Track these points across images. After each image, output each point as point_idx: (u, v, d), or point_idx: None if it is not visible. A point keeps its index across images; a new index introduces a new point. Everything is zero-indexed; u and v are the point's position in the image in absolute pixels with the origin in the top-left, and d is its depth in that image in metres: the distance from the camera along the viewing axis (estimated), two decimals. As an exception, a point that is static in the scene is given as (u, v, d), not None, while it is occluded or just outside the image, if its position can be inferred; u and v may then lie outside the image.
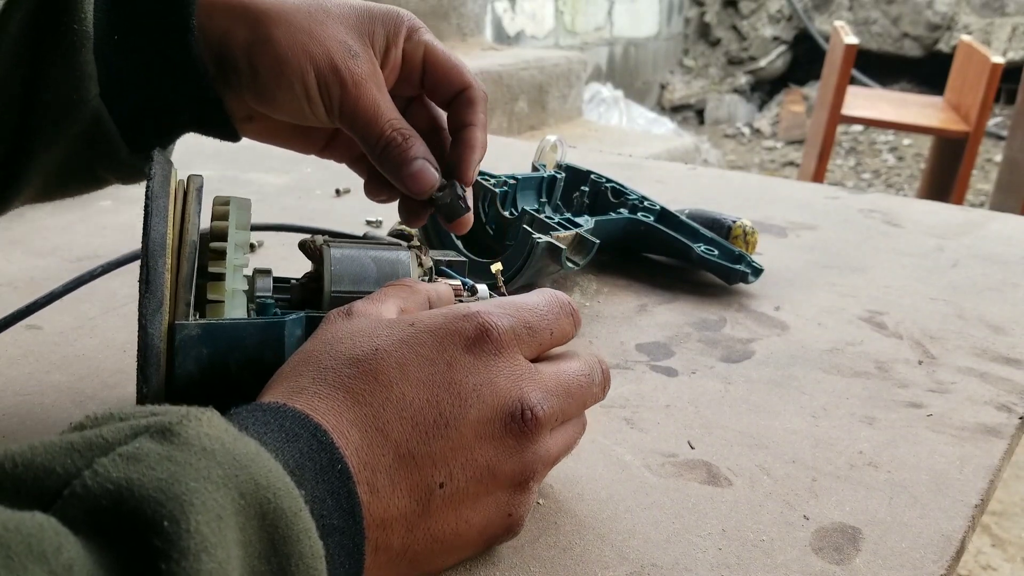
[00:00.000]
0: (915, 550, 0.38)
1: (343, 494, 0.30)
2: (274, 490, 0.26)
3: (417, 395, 0.33)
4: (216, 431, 0.26)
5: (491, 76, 2.37)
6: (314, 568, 0.26)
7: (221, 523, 0.24)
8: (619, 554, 0.37)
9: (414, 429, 0.32)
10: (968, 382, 0.53)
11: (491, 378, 0.34)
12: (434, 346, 0.34)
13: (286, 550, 0.25)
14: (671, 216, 0.68)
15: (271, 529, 0.25)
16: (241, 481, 0.25)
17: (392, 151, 0.45)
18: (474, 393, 0.33)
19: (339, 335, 0.35)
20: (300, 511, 0.26)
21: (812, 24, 4.82)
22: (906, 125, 2.66)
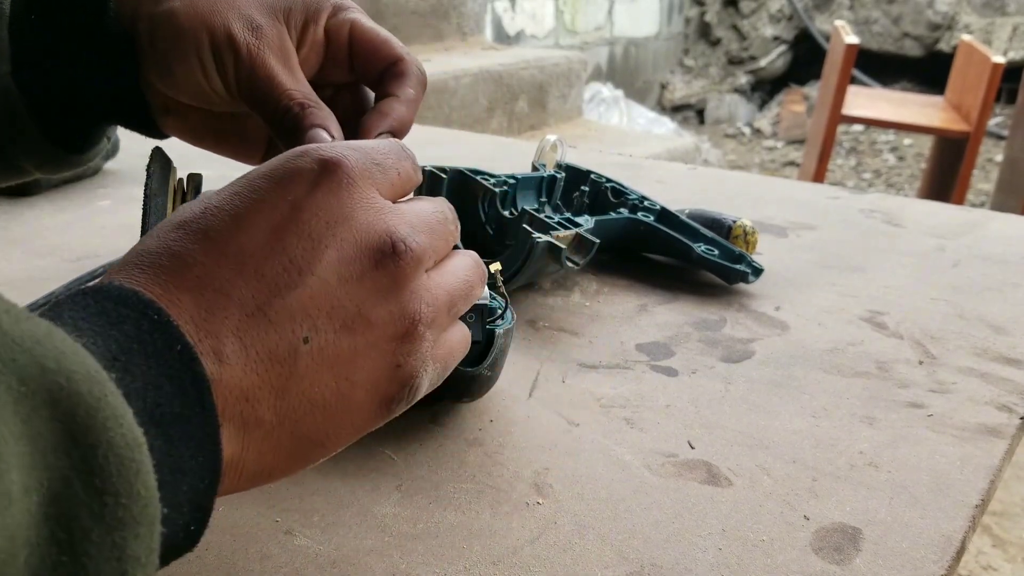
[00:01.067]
0: (915, 550, 0.38)
1: (185, 376, 0.25)
2: (67, 374, 0.22)
3: (258, 244, 0.28)
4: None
5: (491, 76, 2.37)
6: (130, 459, 0.22)
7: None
8: (619, 554, 0.37)
9: (260, 282, 0.28)
10: (969, 382, 0.53)
11: (347, 214, 0.30)
12: (272, 190, 0.29)
13: (89, 440, 0.22)
14: (671, 216, 0.68)
15: (67, 419, 0.21)
16: (21, 366, 0.21)
17: (288, 121, 0.41)
18: (328, 232, 0.29)
19: (178, 210, 0.31)
20: (105, 395, 0.22)
21: (813, 24, 4.82)
22: (907, 125, 2.66)
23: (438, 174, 0.62)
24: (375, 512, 0.40)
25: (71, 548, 0.21)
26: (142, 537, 0.22)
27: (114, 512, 0.22)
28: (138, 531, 0.22)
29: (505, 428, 0.47)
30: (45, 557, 0.21)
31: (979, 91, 2.34)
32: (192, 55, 0.41)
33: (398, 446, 0.45)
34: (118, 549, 0.22)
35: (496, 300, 0.48)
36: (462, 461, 0.44)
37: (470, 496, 0.41)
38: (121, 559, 0.22)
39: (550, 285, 0.65)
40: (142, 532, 0.22)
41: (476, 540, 0.38)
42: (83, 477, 0.21)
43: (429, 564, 0.37)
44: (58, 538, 0.21)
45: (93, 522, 0.21)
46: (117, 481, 0.22)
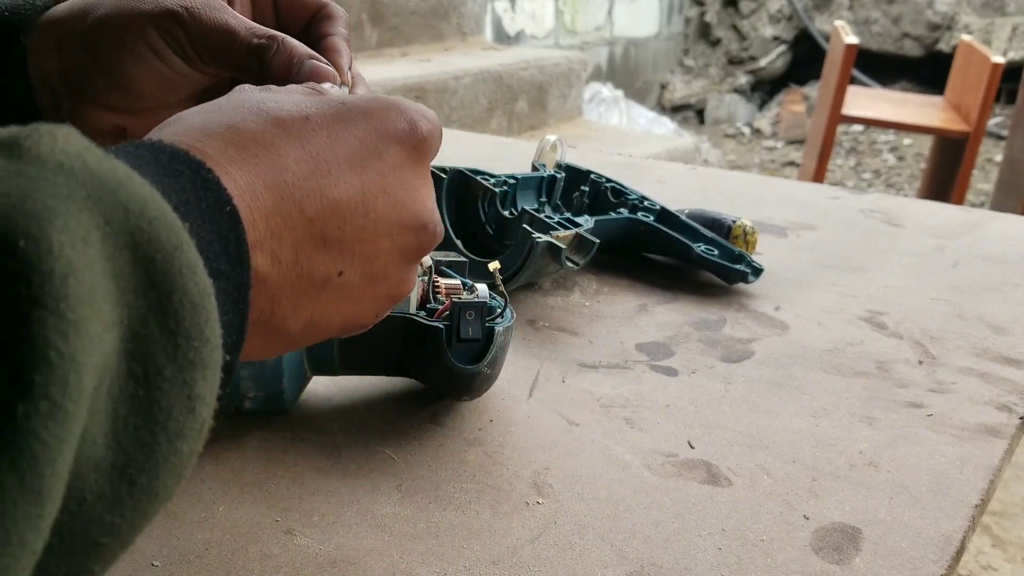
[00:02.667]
0: (915, 550, 0.38)
1: (231, 239, 0.27)
2: (149, 219, 0.23)
3: (346, 181, 0.31)
4: (76, 148, 0.22)
5: (491, 76, 2.37)
6: (201, 306, 0.23)
7: (87, 248, 0.21)
8: (619, 553, 0.37)
9: (334, 212, 0.31)
10: (968, 382, 0.53)
11: (418, 186, 0.34)
12: (375, 143, 0.33)
13: (166, 285, 0.23)
14: (671, 216, 0.68)
15: (146, 262, 0.22)
16: (107, 205, 0.22)
17: (270, 58, 0.41)
18: (403, 201, 0.33)
19: (258, 96, 0.32)
20: (182, 244, 0.23)
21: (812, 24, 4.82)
22: (906, 125, 2.66)
23: (438, 174, 0.62)
24: (375, 512, 0.40)
25: (147, 383, 0.22)
26: (208, 379, 0.24)
27: (186, 353, 0.23)
28: (205, 373, 0.24)
29: (505, 428, 0.47)
30: (123, 389, 0.22)
31: (979, 91, 2.34)
32: (143, 48, 0.41)
33: (398, 446, 0.45)
34: (188, 388, 0.23)
35: (495, 299, 0.48)
36: (462, 461, 0.44)
37: (470, 496, 0.41)
38: (191, 397, 0.23)
39: (550, 285, 0.65)
40: (208, 374, 0.24)
41: (476, 540, 0.38)
42: (159, 319, 0.23)
43: (429, 563, 0.37)
44: (135, 373, 0.22)
45: (167, 361, 0.23)
46: (190, 325, 0.23)
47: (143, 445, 0.22)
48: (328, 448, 0.44)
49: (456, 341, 0.45)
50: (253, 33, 0.42)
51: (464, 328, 0.45)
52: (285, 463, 0.43)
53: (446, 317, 0.45)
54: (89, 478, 0.21)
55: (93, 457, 0.21)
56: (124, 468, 0.22)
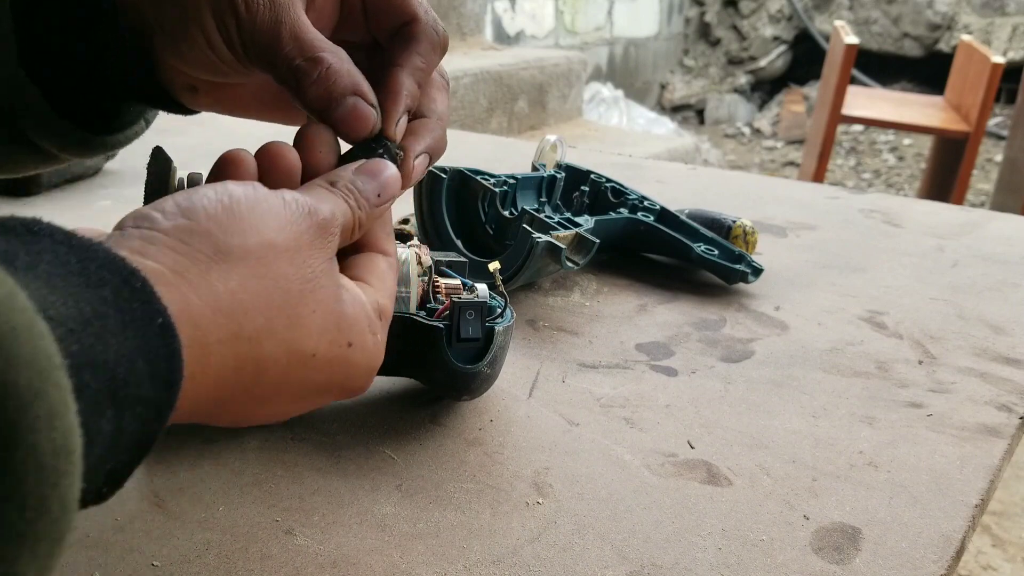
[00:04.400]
0: (915, 550, 0.38)
1: (160, 355, 0.24)
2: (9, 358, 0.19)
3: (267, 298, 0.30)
4: None
5: (491, 76, 2.37)
6: (52, 467, 0.20)
7: None
8: (619, 553, 0.37)
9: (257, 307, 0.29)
10: (968, 382, 0.53)
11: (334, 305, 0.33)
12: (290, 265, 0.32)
13: (11, 439, 0.19)
14: (671, 216, 0.68)
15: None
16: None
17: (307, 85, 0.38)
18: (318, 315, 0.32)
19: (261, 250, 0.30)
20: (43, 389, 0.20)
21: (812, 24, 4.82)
22: (906, 125, 2.66)
23: (438, 174, 0.62)
24: (375, 512, 0.40)
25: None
26: (38, 555, 0.20)
27: (13, 524, 0.19)
28: (36, 548, 0.20)
29: (505, 428, 0.47)
30: None
31: (979, 91, 2.34)
32: (196, 29, 0.39)
33: (398, 446, 0.45)
34: (4, 563, 0.19)
35: (495, 299, 0.48)
36: (462, 461, 0.44)
37: (470, 496, 0.41)
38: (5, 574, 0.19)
39: (550, 285, 0.65)
40: (40, 549, 0.20)
41: (476, 539, 0.38)
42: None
43: (429, 563, 0.37)
44: None
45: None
46: (29, 491, 0.19)
47: None
48: (328, 448, 0.44)
49: (456, 341, 0.45)
50: (300, 50, 0.38)
51: (464, 328, 0.45)
52: (285, 463, 0.43)
53: (446, 317, 0.45)
54: None
55: None
56: None
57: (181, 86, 0.42)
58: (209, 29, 0.39)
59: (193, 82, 0.42)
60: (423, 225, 0.63)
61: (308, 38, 0.38)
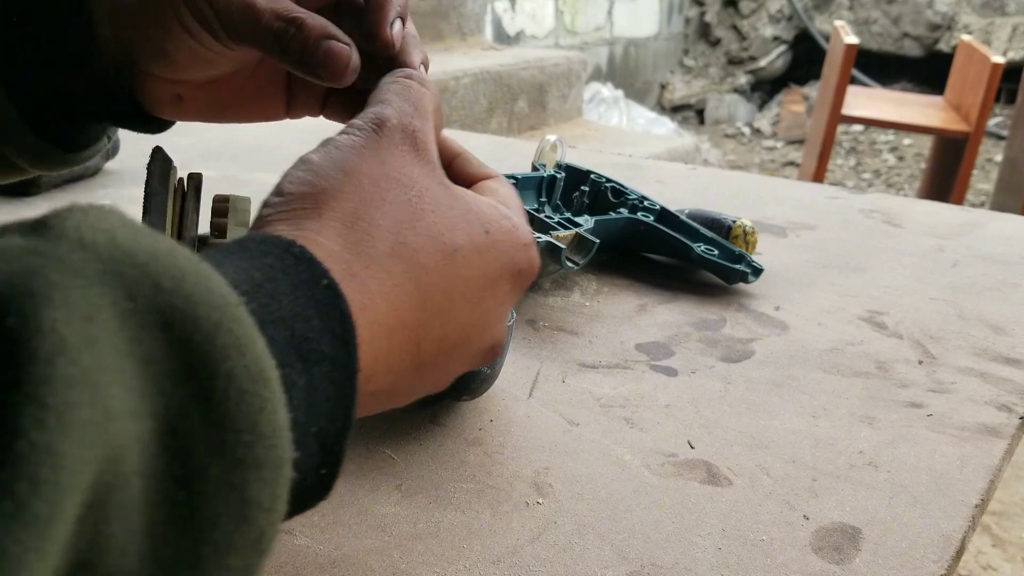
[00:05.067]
0: (915, 550, 0.38)
1: (333, 313, 0.25)
2: (185, 294, 0.20)
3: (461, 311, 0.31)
4: (107, 224, 0.20)
5: (491, 76, 2.37)
6: (253, 393, 0.20)
7: (91, 325, 0.18)
8: (619, 554, 0.37)
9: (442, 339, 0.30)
10: (968, 382, 0.53)
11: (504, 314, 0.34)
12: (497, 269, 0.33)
13: (208, 369, 0.20)
14: (671, 216, 0.68)
15: (183, 343, 0.20)
16: (132, 281, 0.19)
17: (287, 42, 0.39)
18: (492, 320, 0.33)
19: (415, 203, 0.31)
20: (225, 320, 0.20)
21: (812, 24, 4.82)
22: (906, 125, 2.66)
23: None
24: (375, 512, 0.40)
25: (188, 484, 0.19)
26: (266, 481, 0.21)
27: (234, 449, 0.20)
28: (261, 474, 0.20)
29: (505, 428, 0.47)
30: (162, 491, 0.19)
31: (979, 91, 2.34)
32: (175, 24, 0.40)
33: (398, 446, 0.45)
34: (238, 491, 0.20)
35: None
36: (462, 461, 0.44)
37: (470, 496, 0.41)
38: (242, 502, 0.20)
39: (550, 285, 0.65)
40: (266, 475, 0.20)
41: (476, 540, 0.38)
42: (202, 408, 0.20)
43: (429, 564, 0.37)
44: (175, 472, 0.19)
45: (212, 458, 0.20)
46: (238, 414, 0.20)
47: (185, 560, 0.19)
48: (328, 448, 0.44)
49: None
50: (275, 15, 0.40)
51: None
52: (285, 463, 0.43)
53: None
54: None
55: (121, 570, 0.18)
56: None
57: (166, 98, 0.43)
58: (186, 19, 0.40)
59: (179, 90, 0.43)
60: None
61: (280, 5, 0.40)
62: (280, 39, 0.40)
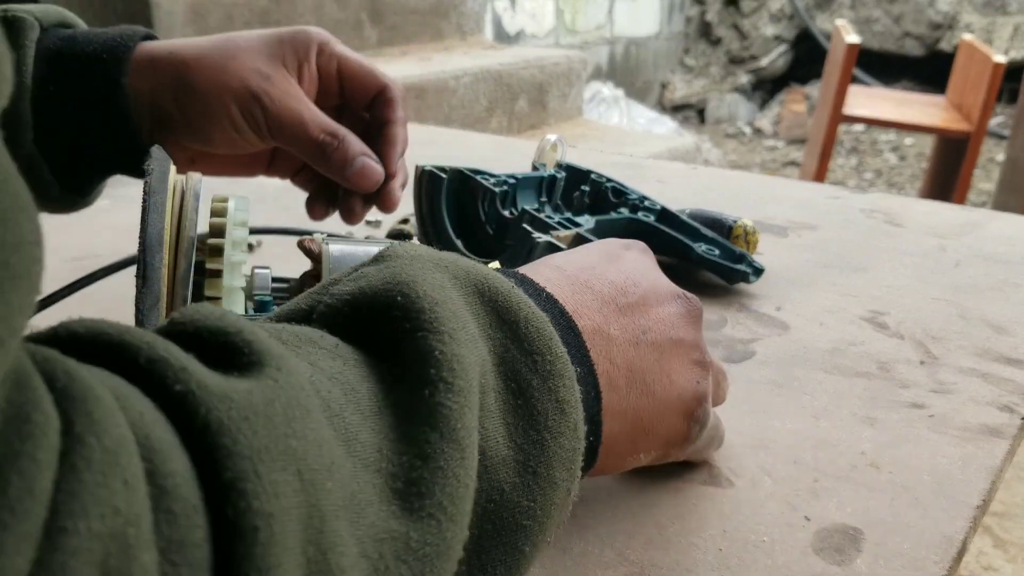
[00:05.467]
0: (917, 551, 0.38)
1: (555, 312, 0.33)
2: (483, 275, 0.30)
3: (609, 269, 0.37)
4: (423, 248, 0.30)
5: (491, 75, 2.36)
6: (542, 330, 0.29)
7: (445, 291, 0.27)
8: (619, 555, 0.37)
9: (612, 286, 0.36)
10: (970, 382, 0.53)
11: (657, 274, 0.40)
12: (610, 248, 0.40)
13: (511, 318, 0.29)
14: (672, 216, 0.68)
15: (492, 303, 0.29)
16: (453, 269, 0.29)
17: (330, 154, 0.49)
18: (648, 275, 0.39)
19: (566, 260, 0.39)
20: (512, 288, 0.30)
21: (813, 23, 4.82)
22: (908, 124, 2.66)
23: (438, 174, 0.62)
24: (375, 513, 0.40)
25: (522, 394, 0.28)
26: (567, 386, 0.29)
27: (543, 366, 0.29)
28: (564, 381, 0.29)
29: (505, 428, 0.46)
30: (506, 402, 0.28)
31: (980, 91, 2.34)
32: (224, 119, 0.48)
33: (398, 446, 0.45)
34: (553, 392, 0.29)
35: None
36: (462, 461, 0.44)
37: (470, 497, 0.41)
38: (558, 400, 0.29)
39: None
40: (566, 382, 0.29)
41: (476, 541, 0.38)
42: (516, 343, 0.29)
43: (429, 565, 0.36)
44: (511, 388, 0.28)
45: (531, 373, 0.29)
46: (540, 345, 0.29)
47: (534, 443, 0.28)
48: (327, 449, 0.44)
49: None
50: (321, 128, 0.49)
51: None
52: (284, 464, 0.43)
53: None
54: (502, 472, 0.27)
55: (499, 455, 0.27)
56: (525, 462, 0.28)
57: (182, 159, 0.51)
58: (237, 119, 0.48)
59: (194, 155, 0.52)
60: (423, 225, 0.62)
61: (323, 119, 0.49)
62: (325, 150, 0.49)
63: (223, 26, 2.02)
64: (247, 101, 0.48)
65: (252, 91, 0.48)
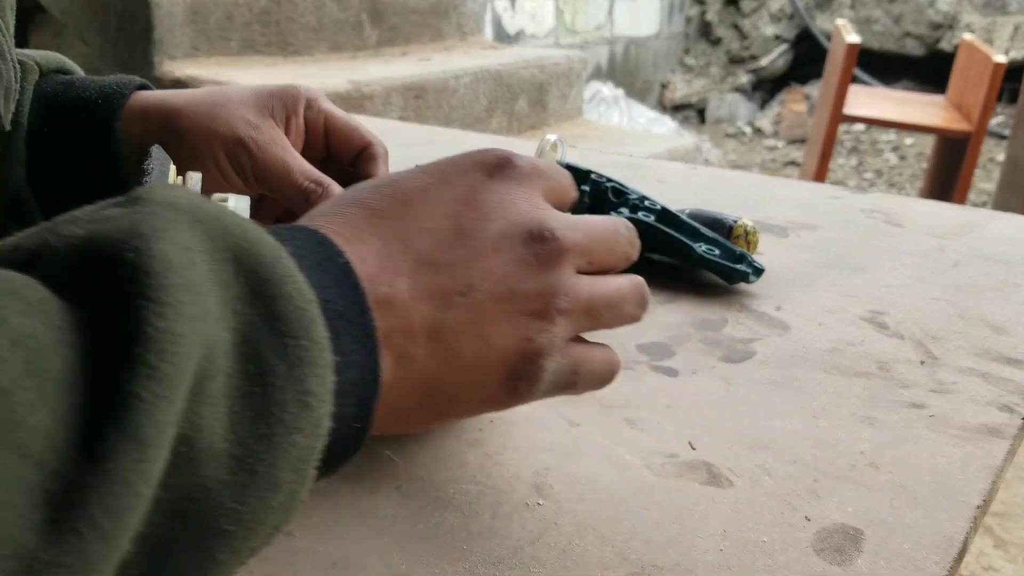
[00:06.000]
0: (917, 551, 0.38)
1: (347, 282, 0.30)
2: (249, 239, 0.26)
3: (438, 210, 0.34)
4: (186, 195, 0.26)
5: (491, 75, 2.36)
6: (304, 310, 0.26)
7: (190, 253, 0.24)
8: (619, 555, 0.37)
9: (433, 238, 0.33)
10: (970, 382, 0.53)
11: (512, 199, 0.35)
12: (456, 172, 0.35)
13: (270, 292, 0.25)
14: (672, 216, 0.68)
15: (249, 273, 0.25)
16: (210, 228, 0.25)
17: (315, 200, 0.49)
18: (495, 209, 0.34)
19: (363, 183, 0.36)
20: (280, 258, 0.26)
21: (814, 23, 4.82)
22: (908, 124, 2.66)
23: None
24: (375, 513, 0.40)
25: (260, 380, 0.25)
26: (320, 377, 0.26)
27: (295, 352, 0.25)
28: (316, 371, 0.26)
29: (505, 429, 0.47)
30: (239, 387, 0.24)
31: (980, 90, 2.34)
32: (211, 163, 0.49)
33: (398, 446, 0.45)
34: (298, 382, 0.25)
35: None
36: (462, 462, 0.44)
37: (470, 497, 0.41)
38: (303, 392, 0.25)
39: (550, 285, 0.65)
40: (320, 372, 0.26)
41: (476, 541, 0.38)
42: (267, 322, 0.25)
43: (429, 565, 0.37)
44: (249, 372, 0.25)
45: (277, 359, 0.25)
46: (296, 326, 0.26)
47: (260, 437, 0.24)
48: (328, 449, 0.44)
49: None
50: (306, 176, 0.50)
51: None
52: (285, 464, 0.43)
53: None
54: (211, 468, 0.23)
55: (213, 448, 0.23)
56: (243, 458, 0.24)
57: None
58: (223, 164, 0.50)
59: None
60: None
61: (308, 167, 0.50)
62: (309, 196, 0.49)
63: (223, 26, 2.02)
64: (234, 147, 0.49)
65: (239, 137, 0.49)
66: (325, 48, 2.24)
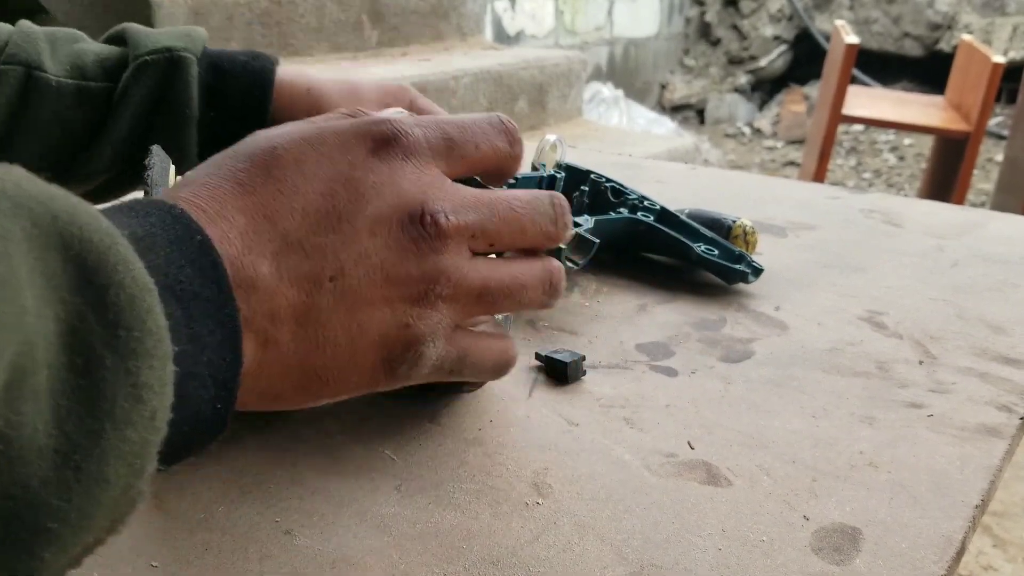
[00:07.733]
0: (916, 550, 0.38)
1: (205, 261, 0.28)
2: (79, 225, 0.24)
3: (311, 188, 0.32)
4: (16, 175, 0.24)
5: (491, 76, 2.37)
6: (139, 298, 0.24)
7: (6, 243, 0.22)
8: (618, 554, 0.37)
9: (304, 219, 0.31)
10: (968, 382, 0.53)
11: (394, 179, 0.33)
12: (337, 145, 0.33)
13: (100, 280, 0.24)
14: (671, 216, 0.68)
15: (78, 260, 0.24)
16: (36, 213, 0.23)
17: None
18: (373, 190, 0.32)
19: (244, 141, 0.34)
20: (115, 244, 0.24)
21: (813, 23, 4.82)
22: (907, 125, 2.66)
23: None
24: (375, 512, 0.40)
25: (88, 373, 0.23)
26: (156, 368, 0.25)
27: (127, 343, 0.24)
28: (151, 362, 0.24)
29: (505, 428, 0.47)
30: (65, 381, 0.23)
31: (979, 91, 2.34)
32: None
33: (398, 446, 0.45)
34: (132, 376, 0.24)
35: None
36: (462, 461, 0.44)
37: (470, 496, 0.41)
38: (136, 385, 0.24)
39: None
40: (155, 364, 0.25)
41: (476, 540, 0.38)
42: (97, 312, 0.24)
43: (429, 564, 0.37)
44: (75, 365, 0.23)
45: (107, 351, 0.24)
46: (129, 316, 0.24)
47: (88, 432, 0.23)
48: (327, 448, 0.44)
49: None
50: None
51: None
52: (285, 463, 0.43)
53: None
54: (33, 465, 0.22)
55: (34, 444, 0.22)
56: (69, 454, 0.23)
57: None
58: None
59: None
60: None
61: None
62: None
63: (223, 27, 2.02)
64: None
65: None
66: (325, 49, 2.25)
